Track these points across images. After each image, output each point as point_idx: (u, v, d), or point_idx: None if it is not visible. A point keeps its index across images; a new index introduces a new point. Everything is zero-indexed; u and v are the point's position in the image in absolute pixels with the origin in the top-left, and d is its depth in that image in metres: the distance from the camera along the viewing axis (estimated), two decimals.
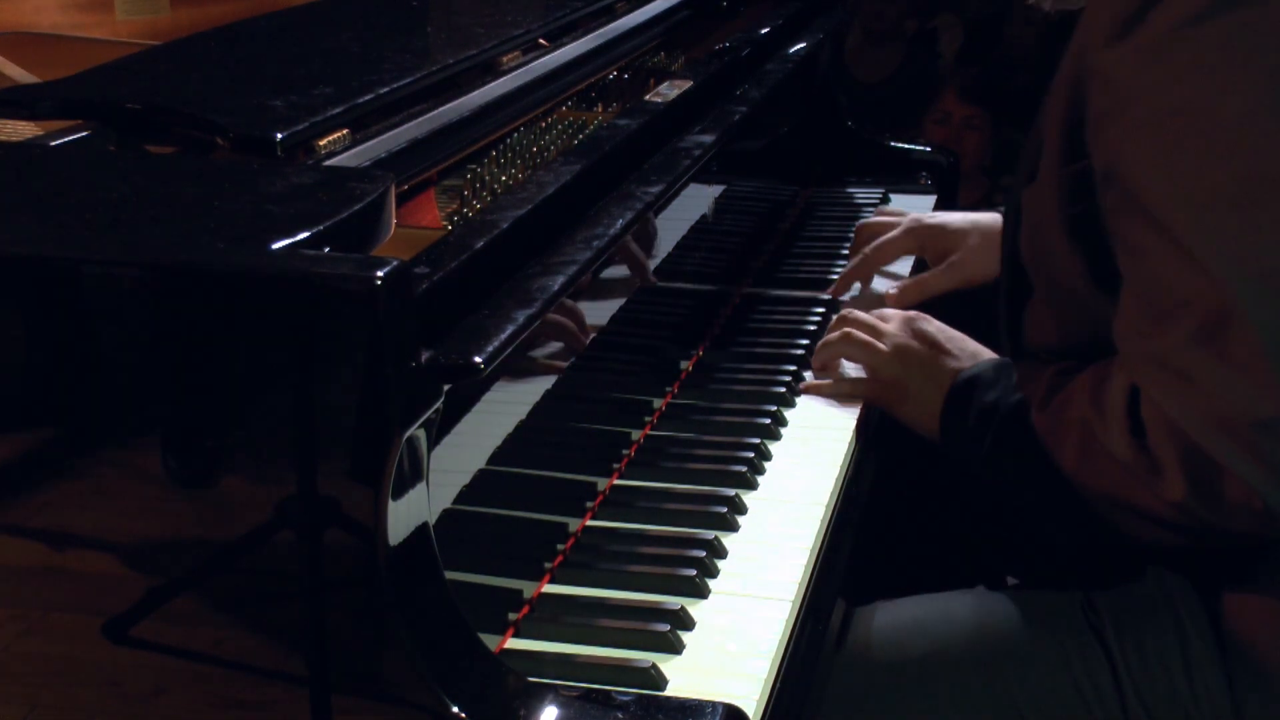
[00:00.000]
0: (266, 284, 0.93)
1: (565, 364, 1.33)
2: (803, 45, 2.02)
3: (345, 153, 1.21)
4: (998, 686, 1.34)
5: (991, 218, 1.81)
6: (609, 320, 1.43)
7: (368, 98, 1.26)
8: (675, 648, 1.12)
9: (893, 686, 1.36)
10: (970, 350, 1.50)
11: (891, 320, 1.57)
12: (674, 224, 1.62)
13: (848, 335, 1.57)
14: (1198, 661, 1.30)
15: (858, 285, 1.85)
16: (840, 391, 1.56)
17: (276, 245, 0.94)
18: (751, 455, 1.40)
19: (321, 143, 1.19)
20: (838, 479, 1.40)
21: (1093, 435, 1.26)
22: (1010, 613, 1.39)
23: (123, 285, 0.96)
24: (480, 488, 1.19)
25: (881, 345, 1.54)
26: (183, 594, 1.01)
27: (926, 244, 1.84)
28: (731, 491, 1.34)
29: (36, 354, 1.00)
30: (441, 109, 1.36)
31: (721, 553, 1.25)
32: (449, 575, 1.01)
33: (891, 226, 1.85)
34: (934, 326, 1.54)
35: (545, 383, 1.30)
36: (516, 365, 1.25)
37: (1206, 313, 1.15)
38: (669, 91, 1.61)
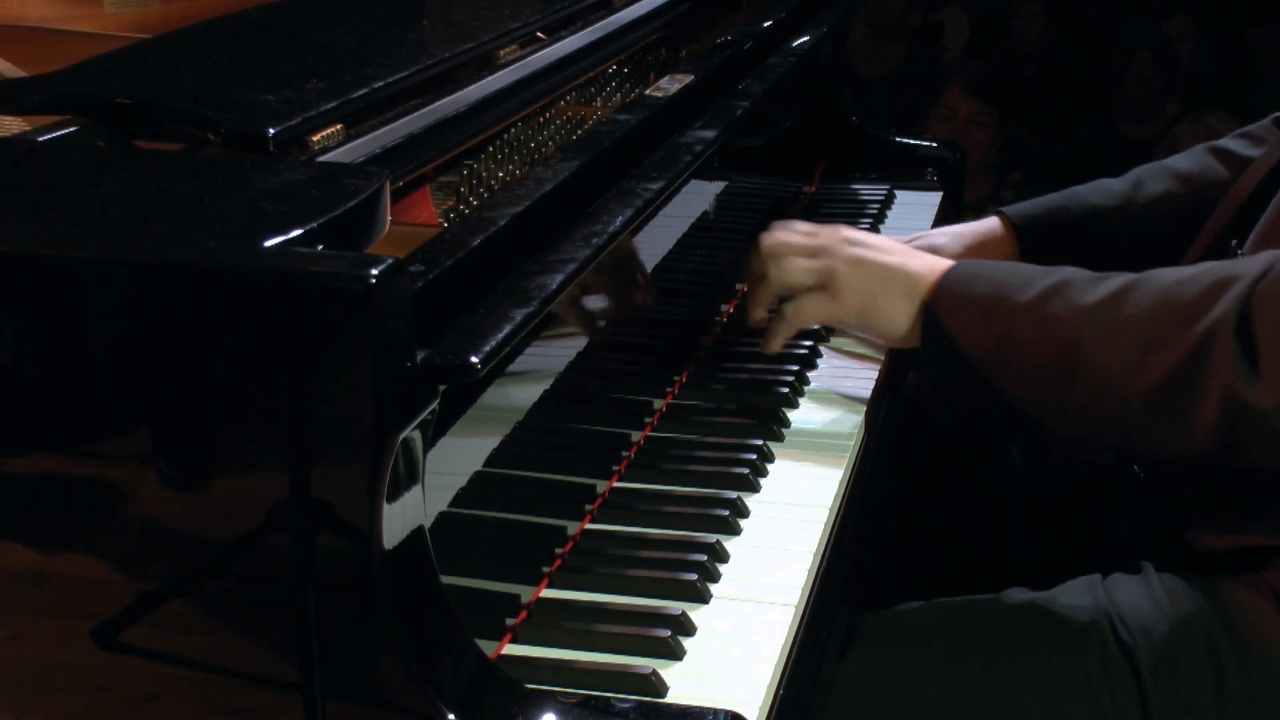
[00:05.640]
0: (259, 282, 0.92)
1: (564, 364, 1.32)
2: (806, 39, 2.01)
3: (339, 148, 1.20)
4: (1011, 702, 1.32)
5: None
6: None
7: (362, 92, 1.25)
8: (676, 653, 1.11)
9: (899, 697, 1.34)
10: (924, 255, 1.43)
11: (821, 234, 1.46)
12: (675, 221, 1.60)
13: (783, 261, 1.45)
14: (1231, 697, 1.28)
15: None
16: (794, 322, 1.47)
17: (269, 243, 0.93)
18: (754, 457, 1.38)
19: (315, 138, 1.18)
20: (842, 481, 1.38)
21: (1163, 333, 1.24)
22: (1028, 626, 1.37)
23: (112, 284, 0.95)
24: (477, 490, 1.19)
25: (823, 262, 1.44)
26: (174, 599, 1.00)
27: None
28: (733, 494, 1.32)
29: (23, 354, 0.99)
30: (437, 104, 1.35)
31: (723, 556, 1.24)
32: (445, 580, 1.01)
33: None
34: (871, 236, 1.47)
35: (543, 383, 1.29)
36: (514, 365, 1.23)
37: None
38: (670, 86, 1.60)
